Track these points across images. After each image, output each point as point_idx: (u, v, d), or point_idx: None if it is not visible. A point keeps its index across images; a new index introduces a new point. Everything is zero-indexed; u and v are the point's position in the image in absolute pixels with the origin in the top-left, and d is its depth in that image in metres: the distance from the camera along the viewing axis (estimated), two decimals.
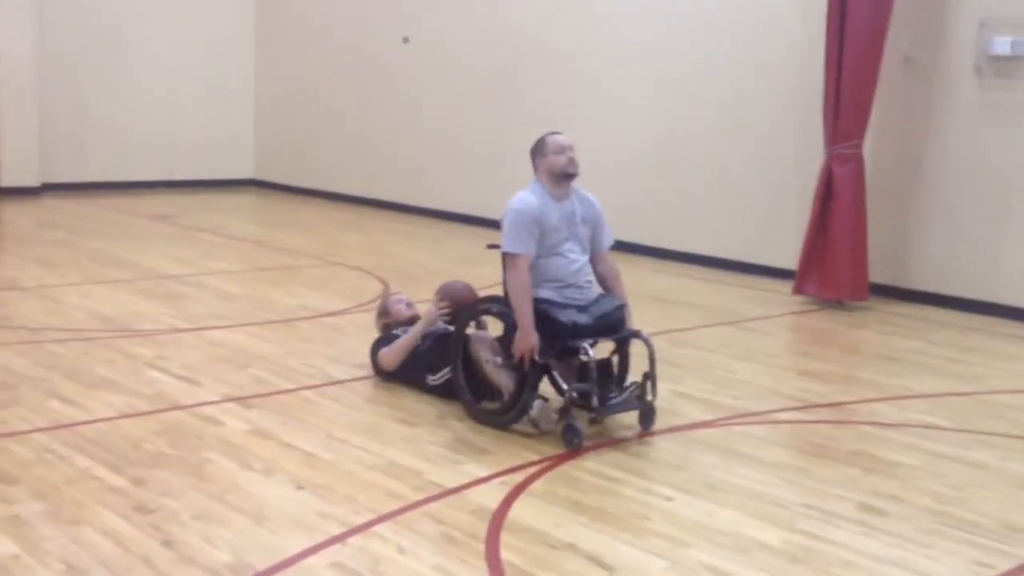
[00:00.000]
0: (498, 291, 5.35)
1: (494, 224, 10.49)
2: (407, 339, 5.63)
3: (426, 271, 8.95)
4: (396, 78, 12.58)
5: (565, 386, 5.01)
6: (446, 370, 5.38)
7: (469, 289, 5.76)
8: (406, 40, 12.37)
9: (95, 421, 4.94)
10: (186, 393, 5.43)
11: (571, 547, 3.83)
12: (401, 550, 3.75)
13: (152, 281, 8.21)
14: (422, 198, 12.34)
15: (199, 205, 12.77)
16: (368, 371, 5.86)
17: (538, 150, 5.20)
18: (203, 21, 13.92)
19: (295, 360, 6.13)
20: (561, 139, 5.16)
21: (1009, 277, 7.99)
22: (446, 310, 5.58)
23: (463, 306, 5.53)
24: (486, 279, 6.88)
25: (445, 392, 5.42)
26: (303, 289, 8.17)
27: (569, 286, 5.05)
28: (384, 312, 6.08)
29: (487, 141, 11.58)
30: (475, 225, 11.35)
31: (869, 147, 8.19)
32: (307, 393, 5.54)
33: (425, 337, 5.65)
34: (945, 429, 5.38)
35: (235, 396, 5.41)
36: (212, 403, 5.29)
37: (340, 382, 5.75)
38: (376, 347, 5.81)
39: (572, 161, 5.12)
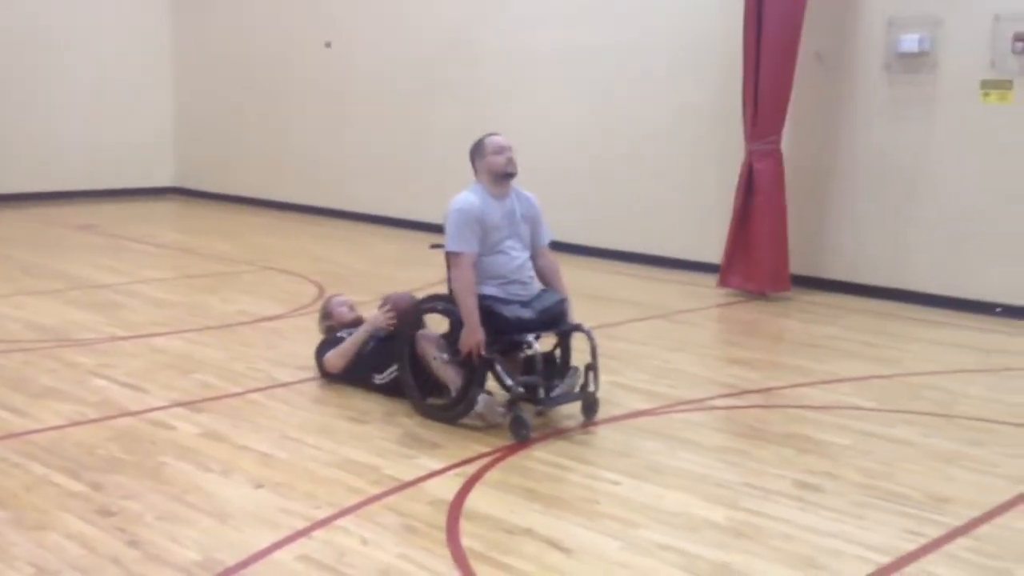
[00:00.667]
0: (432, 292, 5.48)
1: (420, 226, 10.79)
2: (352, 343, 5.73)
3: (357, 273, 9.05)
4: (318, 83, 12.63)
5: (509, 381, 5.15)
6: (392, 369, 5.50)
7: (412, 300, 5.87)
8: (328, 45, 12.43)
9: (46, 430, 4.96)
10: (133, 400, 5.47)
11: (528, 532, 3.99)
12: (365, 541, 3.87)
13: (85, 291, 8.17)
14: (347, 202, 12.40)
15: (122, 214, 12.66)
16: (313, 373, 5.95)
17: (477, 151, 5.34)
18: (121, 30, 13.80)
19: (239, 364, 6.19)
20: (499, 140, 5.32)
21: (916, 265, 8.37)
22: (392, 318, 5.68)
23: (406, 315, 5.63)
24: (416, 280, 7.04)
25: (391, 391, 5.54)
26: (238, 295, 8.20)
27: (512, 282, 5.21)
28: (327, 315, 6.17)
29: (410, 145, 11.69)
30: (400, 228, 11.49)
31: (787, 143, 8.50)
32: (255, 396, 5.61)
33: (369, 339, 5.77)
34: (870, 409, 5.66)
35: (183, 401, 5.46)
36: (161, 408, 5.33)
37: (286, 384, 5.83)
38: (321, 350, 5.91)
39: (511, 161, 5.28)
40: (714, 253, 8.92)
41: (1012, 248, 7.91)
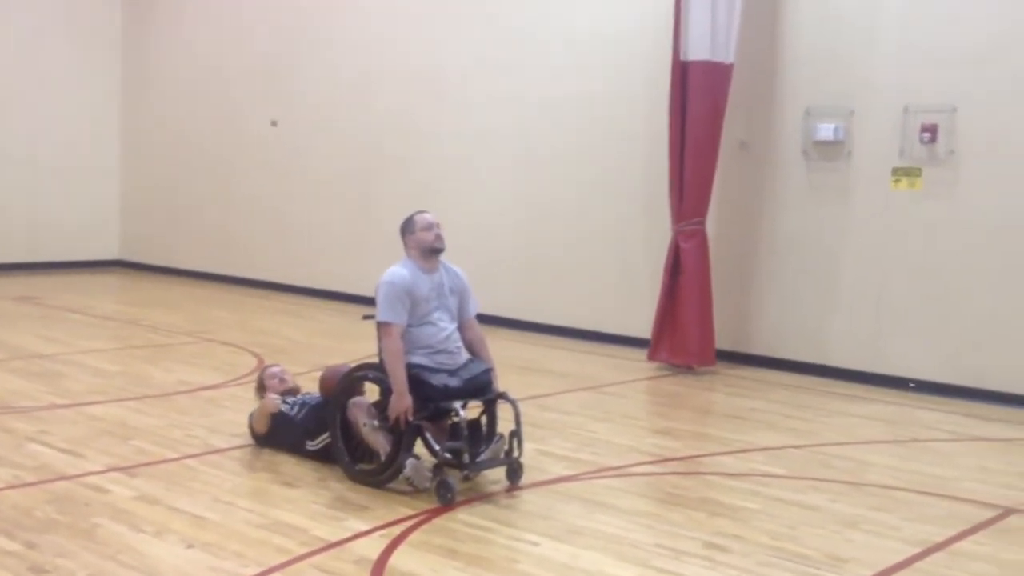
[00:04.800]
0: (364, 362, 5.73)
1: (359, 299, 11.04)
2: (266, 403, 5.96)
3: (295, 344, 9.24)
4: (264, 161, 12.92)
5: (436, 447, 5.37)
6: (324, 436, 5.71)
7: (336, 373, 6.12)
8: (274, 124, 12.74)
9: None
10: (70, 464, 5.61)
11: None
12: None
13: (25, 360, 8.28)
14: (289, 275, 12.63)
15: (64, 286, 12.76)
16: (247, 440, 6.12)
17: (407, 228, 5.62)
18: (68, 103, 14.01)
19: (176, 431, 6.35)
20: (428, 217, 5.61)
21: (836, 341, 8.76)
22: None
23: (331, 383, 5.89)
24: (355, 352, 7.24)
25: (323, 457, 5.74)
26: (178, 365, 8.35)
27: (440, 352, 5.46)
28: (260, 386, 6.37)
29: (352, 220, 12.00)
30: (340, 300, 11.72)
31: (712, 224, 8.90)
32: (190, 462, 5.77)
33: (302, 406, 5.99)
34: (782, 477, 5.95)
35: (119, 466, 5.61)
36: (97, 473, 5.48)
37: (221, 451, 6.00)
38: (252, 416, 6.12)
39: (439, 237, 5.57)
40: (643, 328, 9.25)
41: (923, 326, 8.32)
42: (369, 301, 10.83)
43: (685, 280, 8.77)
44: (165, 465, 5.68)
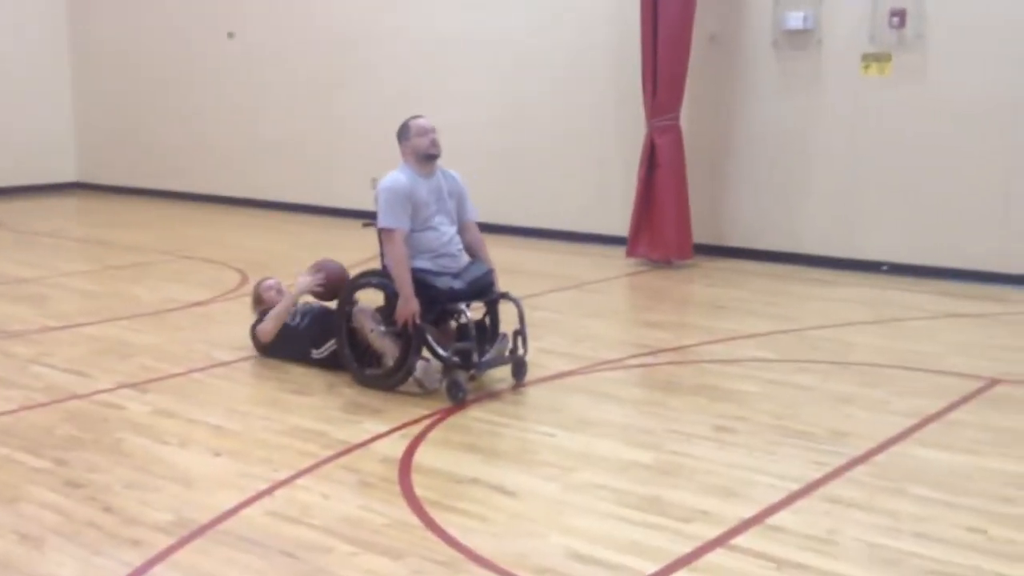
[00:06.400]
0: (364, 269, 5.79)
1: (332, 212, 11.01)
2: (281, 307, 6.03)
3: (278, 257, 9.25)
4: (224, 73, 12.72)
5: (440, 350, 5.47)
6: (330, 343, 5.80)
7: (342, 267, 6.20)
8: (231, 35, 12.51)
9: None
10: (79, 384, 5.65)
11: (475, 480, 4.34)
12: (326, 496, 4.18)
13: (7, 285, 8.24)
14: (257, 191, 12.54)
15: (25, 210, 12.58)
16: (251, 352, 6.19)
17: (403, 134, 5.64)
18: (12, 21, 13.61)
19: (176, 347, 6.40)
20: (423, 122, 5.63)
21: (809, 229, 8.95)
22: (321, 281, 6.00)
23: (337, 279, 5.97)
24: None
25: (329, 364, 5.83)
26: (163, 283, 8.36)
27: (442, 255, 5.54)
28: (258, 299, 6.40)
29: (320, 130, 11.90)
30: (311, 214, 11.69)
31: (685, 119, 8.97)
32: (197, 375, 5.84)
33: (304, 315, 6.06)
34: (772, 361, 6.15)
35: (128, 383, 5.67)
36: (107, 391, 5.54)
37: (226, 363, 6.07)
38: (254, 328, 6.17)
39: (434, 143, 5.60)
40: (619, 226, 9.37)
41: (894, 210, 8.52)
42: (337, 212, 10.91)
43: (661, 175, 8.87)
44: (173, 380, 5.75)
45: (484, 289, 5.59)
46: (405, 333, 5.41)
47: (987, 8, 7.98)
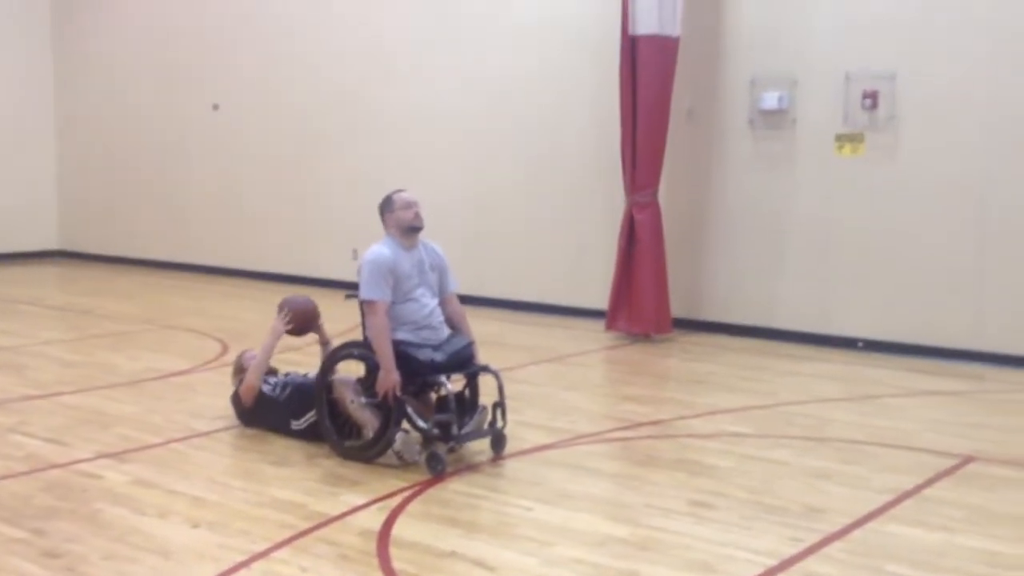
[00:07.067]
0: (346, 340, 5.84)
1: (312, 282, 11.06)
2: (261, 357, 6.10)
3: (258, 328, 9.16)
4: (208, 144, 12.84)
5: (420, 422, 5.51)
6: (310, 414, 5.82)
7: (310, 301, 6.30)
8: (216, 107, 12.67)
9: None
10: (58, 453, 5.65)
11: (453, 554, 4.35)
12: (304, 569, 4.18)
13: None
14: (240, 260, 12.60)
15: (8, 278, 12.59)
16: (230, 422, 6.20)
17: (386, 206, 5.73)
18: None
19: (156, 417, 6.41)
20: (407, 196, 5.73)
21: (786, 305, 9.06)
22: (288, 320, 6.09)
23: (303, 314, 6.03)
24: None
25: (308, 435, 5.84)
26: (143, 352, 8.36)
27: (423, 328, 5.60)
28: (240, 369, 6.43)
29: (298, 201, 12.01)
30: (293, 284, 11.69)
31: (662, 193, 9.12)
32: (176, 445, 5.84)
33: (284, 386, 6.08)
34: (749, 436, 6.20)
35: (107, 453, 5.66)
36: (87, 460, 5.53)
37: (206, 434, 6.08)
38: (236, 395, 6.19)
39: (418, 216, 5.70)
40: (598, 300, 9.46)
41: (869, 287, 8.65)
42: (318, 282, 10.96)
43: (640, 250, 8.98)
44: (152, 450, 5.75)
45: (464, 361, 5.65)
46: (385, 405, 5.44)
47: (956, 90, 8.19)
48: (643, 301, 8.96)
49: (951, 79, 8.21)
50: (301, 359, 7.37)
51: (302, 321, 6.23)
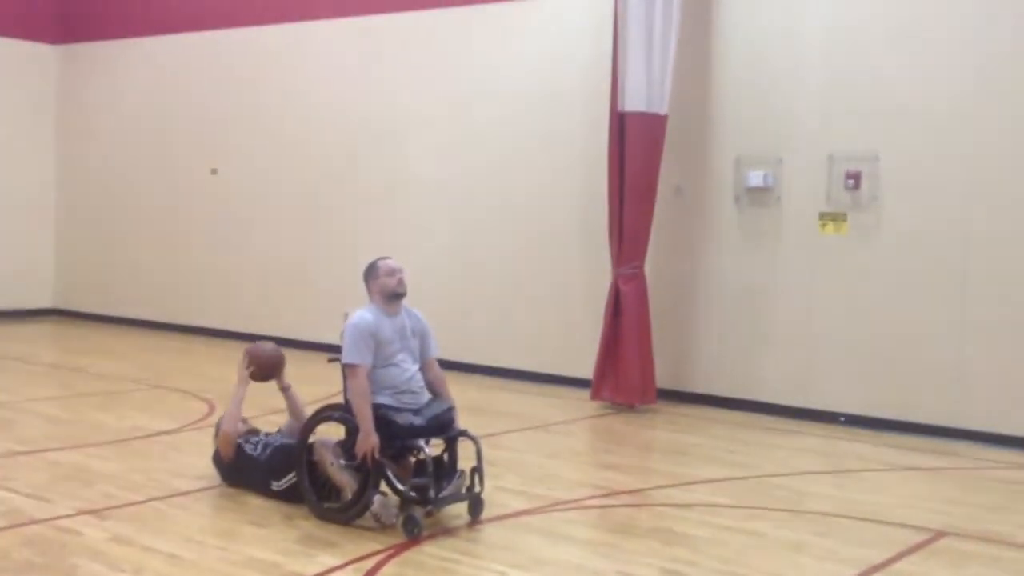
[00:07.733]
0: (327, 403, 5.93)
1: (304, 345, 11.15)
2: (230, 408, 6.23)
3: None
4: (205, 207, 13.02)
5: (398, 485, 5.57)
6: (290, 475, 5.88)
7: (275, 348, 6.39)
8: (214, 172, 12.87)
9: None
10: (39, 509, 5.70)
11: None
12: None
13: None
14: (232, 322, 12.70)
15: (1, 335, 12.66)
16: (212, 481, 6.26)
17: (370, 273, 5.86)
18: (1, 150, 13.95)
19: (138, 476, 6.46)
20: (391, 263, 5.87)
21: (769, 378, 9.16)
22: (248, 364, 6.24)
23: (265, 361, 6.19)
24: (306, 396, 7.37)
25: (288, 496, 5.90)
26: (131, 411, 8.43)
27: (404, 392, 5.69)
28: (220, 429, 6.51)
29: (291, 267, 12.16)
30: (290, 347, 11.77)
31: (650, 267, 9.26)
32: (157, 504, 5.90)
33: (265, 447, 6.16)
34: (727, 506, 6.26)
35: (88, 509, 5.71)
36: (67, 516, 5.58)
37: (186, 493, 6.13)
38: (217, 455, 6.27)
39: (401, 282, 5.82)
40: (584, 369, 9.55)
41: (851, 363, 8.75)
42: (308, 346, 11.05)
43: (626, 322, 9.10)
44: (133, 508, 5.80)
45: (444, 426, 5.73)
46: (364, 467, 5.51)
47: (937, 171, 8.38)
48: (628, 371, 9.06)
49: (932, 162, 8.40)
50: (283, 420, 7.42)
51: (266, 368, 6.37)
